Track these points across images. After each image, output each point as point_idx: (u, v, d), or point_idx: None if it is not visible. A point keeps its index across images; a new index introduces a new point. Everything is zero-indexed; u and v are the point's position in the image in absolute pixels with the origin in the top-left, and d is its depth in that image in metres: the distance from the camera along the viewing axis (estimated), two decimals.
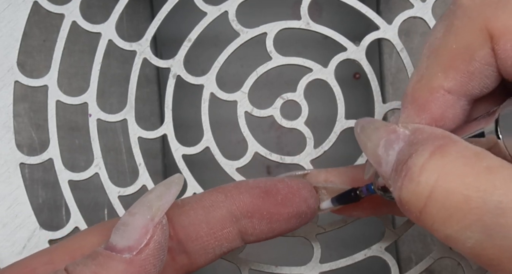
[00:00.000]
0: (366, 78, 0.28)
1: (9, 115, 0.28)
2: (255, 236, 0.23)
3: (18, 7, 0.28)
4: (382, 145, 0.20)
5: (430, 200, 0.18)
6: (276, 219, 0.23)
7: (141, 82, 0.28)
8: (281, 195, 0.23)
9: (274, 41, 0.28)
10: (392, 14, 0.36)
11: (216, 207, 0.23)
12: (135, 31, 0.38)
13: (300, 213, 0.23)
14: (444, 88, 0.19)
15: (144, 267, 0.20)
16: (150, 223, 0.20)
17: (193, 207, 0.23)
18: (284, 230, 0.24)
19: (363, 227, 0.32)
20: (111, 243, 0.20)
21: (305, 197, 0.23)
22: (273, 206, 0.23)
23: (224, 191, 0.23)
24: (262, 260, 0.27)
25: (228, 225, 0.23)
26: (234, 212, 0.23)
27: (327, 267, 0.27)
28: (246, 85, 0.28)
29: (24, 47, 0.28)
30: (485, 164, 0.17)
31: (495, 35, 0.18)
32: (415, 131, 0.19)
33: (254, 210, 0.23)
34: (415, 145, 0.19)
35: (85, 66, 0.36)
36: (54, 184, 0.28)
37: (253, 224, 0.23)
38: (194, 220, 0.22)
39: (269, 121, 0.40)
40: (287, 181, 0.24)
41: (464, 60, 0.19)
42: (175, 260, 0.22)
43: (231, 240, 0.23)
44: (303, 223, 0.24)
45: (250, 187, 0.23)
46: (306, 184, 0.24)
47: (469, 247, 0.17)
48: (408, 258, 0.33)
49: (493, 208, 0.17)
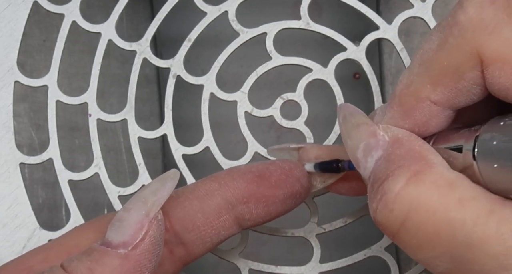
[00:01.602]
0: (366, 78, 0.28)
1: (9, 115, 0.28)
2: (252, 221, 0.23)
3: (18, 7, 0.28)
4: (362, 149, 0.20)
5: (403, 228, 0.18)
6: (272, 202, 0.23)
7: (141, 82, 0.28)
8: (274, 177, 0.23)
9: (274, 41, 0.28)
10: (392, 14, 0.36)
11: (211, 195, 0.23)
12: (135, 31, 0.38)
13: (295, 193, 0.24)
14: (430, 99, 0.19)
15: (139, 262, 0.20)
16: (145, 218, 0.20)
17: (187, 197, 0.23)
18: (280, 212, 0.24)
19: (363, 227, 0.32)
20: (107, 239, 0.20)
21: (297, 176, 0.24)
22: (268, 189, 0.23)
23: (218, 179, 0.23)
24: (262, 260, 0.27)
25: (224, 213, 0.23)
26: (229, 199, 0.23)
27: (327, 267, 0.27)
28: (246, 85, 0.28)
29: (24, 47, 0.28)
30: (457, 196, 0.17)
31: (485, 61, 0.18)
32: (394, 143, 0.20)
33: (250, 195, 0.23)
34: (393, 163, 0.19)
35: (85, 66, 0.36)
36: (54, 184, 0.28)
37: (249, 209, 0.23)
38: (189, 211, 0.22)
39: (269, 121, 0.40)
40: (278, 163, 0.24)
41: (453, 78, 0.19)
42: (173, 252, 0.22)
43: (228, 227, 0.23)
44: (298, 203, 0.24)
45: (243, 173, 0.23)
46: (297, 164, 0.24)
47: (440, 272, 0.18)
48: (408, 258, 0.33)
49: (461, 242, 0.17)
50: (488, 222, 0.17)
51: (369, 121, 0.21)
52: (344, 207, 0.27)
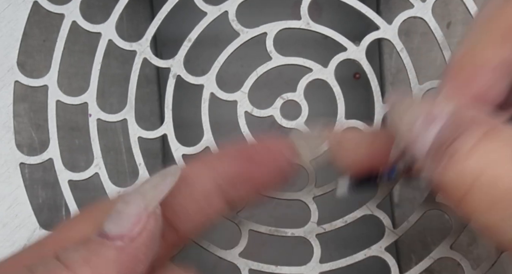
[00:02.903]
0: (366, 78, 0.28)
1: (9, 115, 0.28)
2: (243, 202, 0.23)
3: (18, 7, 0.28)
4: (422, 120, 0.19)
5: (475, 186, 0.17)
6: (261, 181, 0.23)
7: (141, 82, 0.28)
8: (262, 156, 0.23)
9: (274, 41, 0.28)
10: (392, 14, 0.36)
11: (200, 180, 0.23)
12: (135, 31, 0.38)
13: (283, 171, 0.24)
14: (496, 60, 0.19)
15: (135, 256, 0.19)
16: (143, 211, 0.20)
17: (176, 184, 0.22)
18: (270, 190, 0.24)
19: (363, 227, 0.32)
20: (104, 230, 0.20)
21: (284, 153, 0.24)
22: (256, 168, 0.23)
23: (205, 162, 0.23)
24: (262, 260, 0.27)
25: (214, 196, 0.22)
26: (218, 182, 0.22)
27: (327, 267, 0.27)
28: (246, 85, 0.28)
29: (24, 47, 0.28)
30: None
31: None
32: (459, 111, 0.19)
33: (239, 177, 0.23)
34: (460, 127, 0.18)
35: (85, 66, 0.36)
36: (54, 184, 0.28)
37: (239, 191, 0.23)
38: (178, 197, 0.22)
39: (269, 121, 0.40)
40: (264, 142, 0.24)
41: None
42: (165, 237, 0.22)
43: (219, 211, 0.23)
44: (286, 181, 0.24)
45: (231, 155, 0.23)
46: (283, 142, 0.24)
47: (509, 239, 0.17)
48: (408, 258, 0.33)
49: None
50: None
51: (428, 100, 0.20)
52: (344, 207, 0.27)
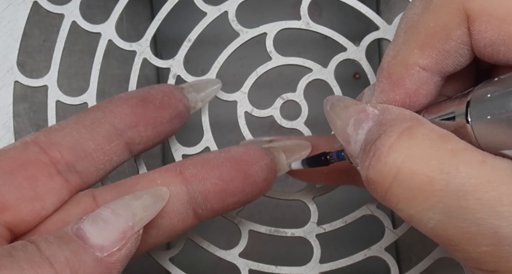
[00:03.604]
0: (366, 78, 0.28)
1: (9, 115, 0.28)
2: (143, 144, 0.24)
3: (18, 7, 0.28)
4: (352, 124, 0.20)
5: (395, 180, 0.18)
6: (160, 123, 0.24)
7: (141, 83, 0.28)
8: (158, 99, 0.24)
9: (274, 41, 0.28)
10: (392, 14, 0.36)
11: (98, 123, 0.23)
12: (135, 31, 0.38)
13: (180, 113, 0.25)
14: (419, 65, 0.20)
15: (109, 270, 0.20)
16: (129, 230, 0.20)
17: (74, 127, 0.23)
18: (169, 132, 0.25)
19: (363, 227, 0.32)
20: (85, 233, 0.20)
21: (179, 97, 0.25)
22: (154, 111, 0.24)
23: (101, 108, 0.24)
24: (262, 260, 0.27)
25: (114, 138, 0.23)
26: (117, 125, 0.23)
27: (327, 267, 0.27)
28: (246, 86, 0.28)
29: (24, 47, 0.28)
30: (450, 147, 0.17)
31: (471, 15, 0.18)
32: (384, 111, 0.20)
33: (137, 119, 0.24)
34: (384, 125, 0.19)
35: (85, 66, 0.36)
36: None
37: (139, 132, 0.24)
38: (79, 139, 0.23)
39: (269, 121, 0.40)
40: (158, 87, 0.25)
41: (441, 38, 0.19)
42: (68, 181, 0.23)
43: (119, 153, 0.24)
44: (182, 123, 0.25)
45: (126, 99, 0.24)
46: (176, 87, 0.25)
47: (431, 228, 0.18)
48: (408, 258, 0.33)
49: (455, 190, 0.17)
50: (481, 169, 0.17)
51: (357, 102, 0.21)
52: (344, 207, 0.27)
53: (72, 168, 0.23)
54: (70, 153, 0.22)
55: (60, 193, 0.22)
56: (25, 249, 0.19)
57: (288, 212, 0.41)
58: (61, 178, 0.22)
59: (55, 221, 0.22)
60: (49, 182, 0.22)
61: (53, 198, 0.22)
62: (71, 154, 0.22)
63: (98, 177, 0.24)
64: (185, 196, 0.23)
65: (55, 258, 0.19)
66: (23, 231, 0.22)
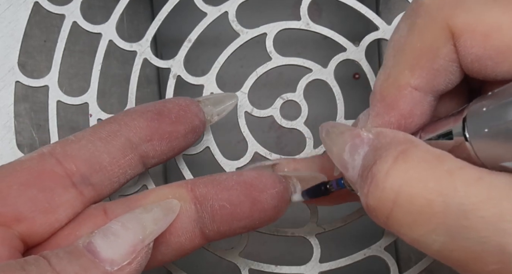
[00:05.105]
0: (365, 78, 0.28)
1: (10, 115, 0.28)
2: (157, 158, 0.24)
3: (19, 7, 0.28)
4: (348, 150, 0.20)
5: (395, 206, 0.18)
6: (174, 137, 0.24)
7: (141, 83, 0.28)
8: (174, 113, 0.24)
9: (274, 42, 0.28)
10: (392, 14, 0.36)
11: (114, 136, 0.23)
12: (135, 32, 0.38)
13: (195, 128, 0.24)
14: (411, 85, 0.20)
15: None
16: (139, 243, 0.20)
17: (90, 140, 0.23)
18: (183, 147, 0.25)
19: (363, 227, 0.32)
20: (95, 247, 0.20)
21: (195, 111, 0.25)
22: (169, 125, 0.24)
23: (117, 121, 0.23)
24: (262, 260, 0.27)
25: (129, 152, 0.23)
26: (132, 138, 0.23)
27: (327, 266, 0.27)
28: (246, 86, 0.28)
29: (25, 48, 0.28)
30: (446, 167, 0.17)
31: (456, 32, 0.18)
32: (378, 135, 0.20)
33: (152, 132, 0.23)
34: (379, 150, 0.19)
35: (85, 66, 0.36)
36: None
37: (153, 146, 0.24)
38: (94, 152, 0.23)
39: (269, 121, 0.40)
40: (174, 100, 0.25)
41: (429, 58, 0.19)
42: (83, 193, 0.23)
43: (133, 166, 0.23)
44: (197, 138, 0.25)
45: (142, 112, 0.24)
46: (193, 100, 0.25)
47: (437, 250, 0.18)
48: (407, 257, 0.33)
49: (455, 210, 0.17)
50: (479, 187, 0.17)
51: (352, 128, 0.21)
52: (344, 207, 0.27)
53: (86, 181, 0.22)
54: (85, 165, 0.22)
55: (74, 205, 0.22)
56: (38, 263, 0.19)
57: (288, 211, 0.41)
58: (76, 190, 0.22)
59: (66, 234, 0.22)
60: (64, 194, 0.22)
61: (67, 210, 0.22)
62: (86, 167, 0.22)
63: (111, 189, 0.23)
64: (193, 214, 0.23)
65: (65, 273, 0.19)
66: (35, 242, 0.22)
